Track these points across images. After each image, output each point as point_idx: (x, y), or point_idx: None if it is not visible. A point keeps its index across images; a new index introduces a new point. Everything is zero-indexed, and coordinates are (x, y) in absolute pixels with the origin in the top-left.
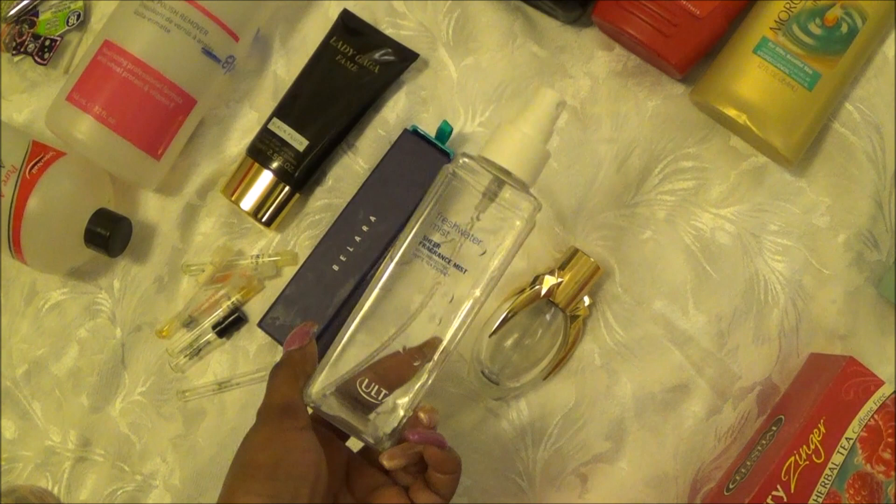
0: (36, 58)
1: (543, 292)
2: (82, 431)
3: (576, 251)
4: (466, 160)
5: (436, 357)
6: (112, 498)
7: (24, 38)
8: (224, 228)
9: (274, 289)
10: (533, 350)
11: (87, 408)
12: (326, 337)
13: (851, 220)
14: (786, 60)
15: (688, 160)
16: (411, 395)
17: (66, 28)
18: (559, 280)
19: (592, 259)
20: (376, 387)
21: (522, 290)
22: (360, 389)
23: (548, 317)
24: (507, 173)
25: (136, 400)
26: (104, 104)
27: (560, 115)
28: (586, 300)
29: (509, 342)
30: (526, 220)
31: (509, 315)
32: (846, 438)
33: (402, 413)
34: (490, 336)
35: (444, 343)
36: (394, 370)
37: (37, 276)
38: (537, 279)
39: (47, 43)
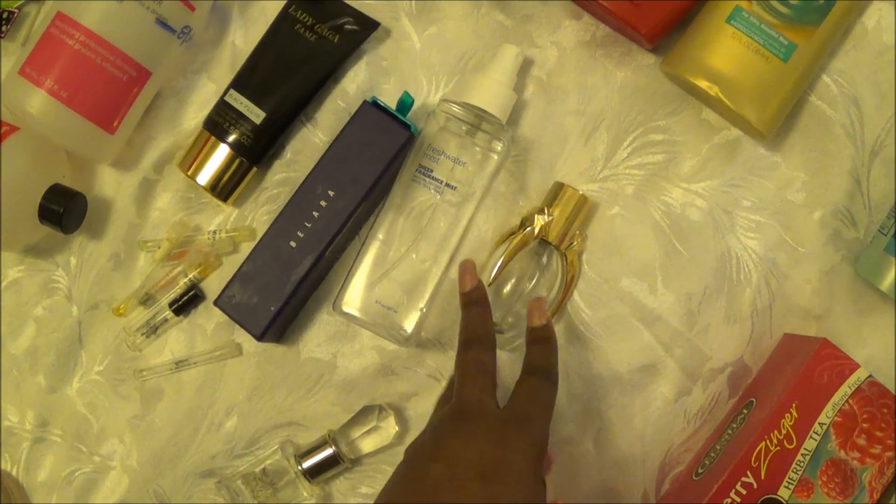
0: None
1: (536, 231)
2: (40, 411)
3: (561, 185)
4: (449, 103)
5: (444, 261)
6: (70, 479)
7: None
8: (181, 203)
9: (232, 265)
10: (532, 294)
11: (44, 387)
12: (288, 313)
13: (828, 197)
14: (760, 30)
15: (658, 133)
16: (427, 296)
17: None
18: (550, 217)
19: (579, 191)
20: (397, 291)
21: (513, 233)
22: (382, 296)
23: (543, 259)
24: (484, 112)
25: (94, 379)
26: (56, 78)
27: (520, 64)
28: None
29: (507, 289)
30: (503, 148)
31: (507, 259)
32: (819, 423)
33: (419, 313)
34: (489, 285)
35: (450, 249)
36: (410, 275)
37: None
38: (525, 220)
39: (5, 15)
